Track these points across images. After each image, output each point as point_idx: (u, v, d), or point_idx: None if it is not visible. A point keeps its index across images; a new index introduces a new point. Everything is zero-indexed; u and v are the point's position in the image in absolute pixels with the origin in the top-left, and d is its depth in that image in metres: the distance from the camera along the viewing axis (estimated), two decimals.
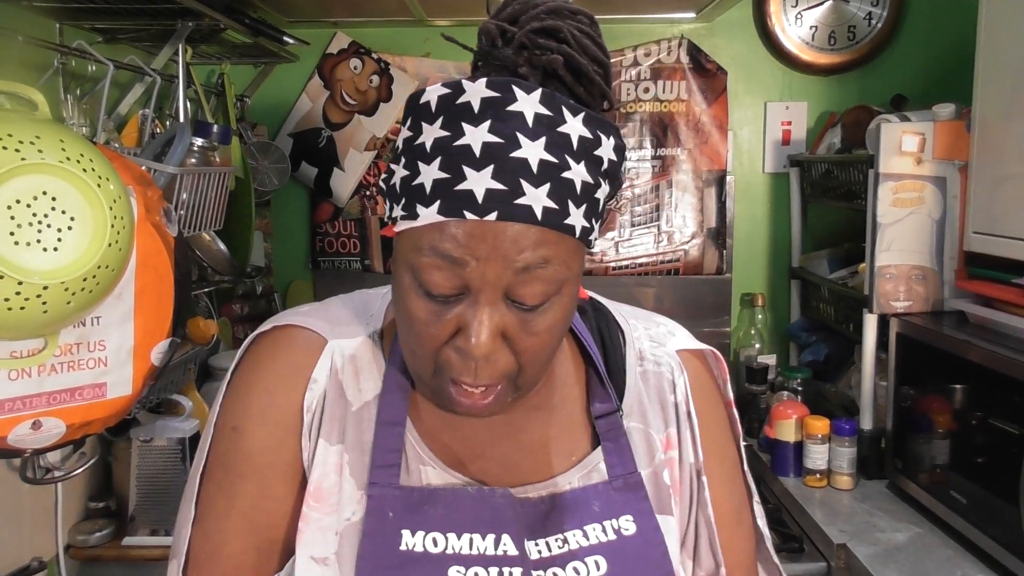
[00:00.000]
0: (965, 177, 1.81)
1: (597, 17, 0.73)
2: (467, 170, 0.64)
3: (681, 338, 0.89)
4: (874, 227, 1.87)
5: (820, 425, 1.93)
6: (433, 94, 0.67)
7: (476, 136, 0.65)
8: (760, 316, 2.49)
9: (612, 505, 0.78)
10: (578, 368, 0.85)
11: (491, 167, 0.64)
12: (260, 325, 0.83)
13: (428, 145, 0.66)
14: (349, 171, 2.51)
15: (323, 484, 0.76)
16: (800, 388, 2.22)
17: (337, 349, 0.79)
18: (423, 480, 0.77)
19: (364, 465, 0.76)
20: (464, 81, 0.67)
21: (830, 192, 2.24)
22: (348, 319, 0.82)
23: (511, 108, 0.65)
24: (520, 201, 0.64)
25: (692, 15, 2.40)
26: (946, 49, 2.38)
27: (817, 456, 1.93)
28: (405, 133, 0.70)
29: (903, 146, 1.84)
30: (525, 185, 0.64)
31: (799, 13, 2.40)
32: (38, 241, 1.00)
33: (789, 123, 2.49)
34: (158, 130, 1.83)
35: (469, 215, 0.64)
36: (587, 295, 0.90)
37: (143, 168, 1.34)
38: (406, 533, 0.73)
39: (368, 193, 2.53)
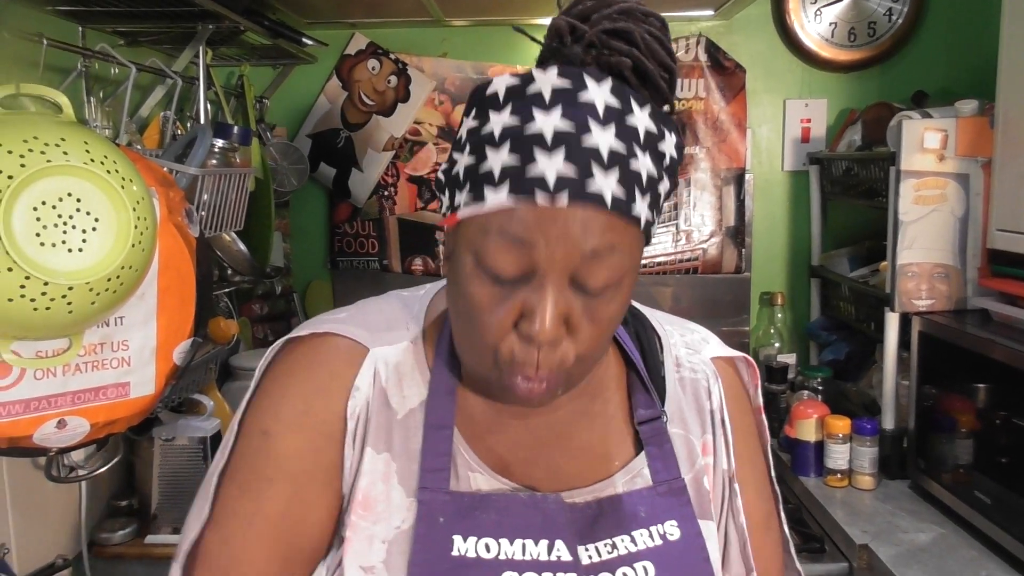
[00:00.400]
0: (988, 174, 1.79)
1: None
2: (538, 153, 0.64)
3: (715, 346, 0.90)
4: (896, 225, 1.86)
5: (841, 425, 1.91)
6: (501, 84, 0.68)
7: (548, 122, 0.65)
8: (780, 315, 2.48)
9: (657, 510, 0.78)
10: (620, 373, 0.85)
11: (562, 150, 0.64)
12: (296, 328, 0.81)
13: (496, 132, 0.66)
14: (367, 171, 2.52)
15: (371, 493, 0.75)
16: (821, 387, 2.20)
17: (380, 357, 0.78)
18: (472, 486, 0.76)
19: (413, 472, 0.75)
20: (534, 71, 0.67)
21: (850, 190, 2.22)
22: (387, 325, 0.81)
23: (582, 97, 0.65)
24: (590, 186, 0.64)
25: (710, 12, 2.38)
26: (968, 44, 2.36)
27: (838, 456, 1.91)
28: (470, 123, 0.69)
29: (925, 143, 1.82)
30: (596, 169, 0.64)
31: (818, 10, 2.38)
32: (63, 242, 1.01)
33: (808, 121, 2.47)
34: (179, 132, 1.84)
35: (540, 197, 0.64)
36: None
37: (165, 169, 1.35)
38: (458, 539, 0.73)
39: (386, 193, 2.54)
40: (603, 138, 0.65)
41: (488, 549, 0.73)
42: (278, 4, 2.12)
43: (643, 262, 2.57)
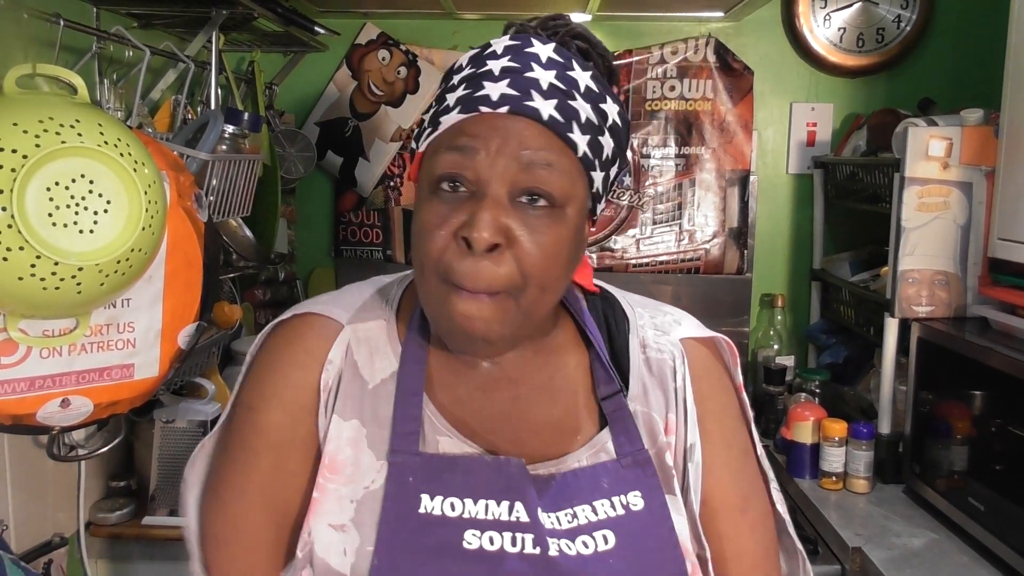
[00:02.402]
0: (992, 183, 1.80)
1: (625, 15, 0.86)
2: (486, 82, 0.75)
3: (687, 327, 0.90)
4: (898, 231, 1.86)
5: (837, 428, 1.92)
6: (465, 56, 0.80)
7: (497, 64, 0.76)
8: (780, 317, 2.49)
9: (621, 481, 0.81)
10: (582, 354, 0.87)
11: (507, 79, 0.75)
12: (282, 313, 0.87)
13: (456, 81, 0.78)
14: (374, 161, 2.53)
15: (338, 457, 0.80)
16: (818, 390, 2.21)
17: (353, 332, 0.84)
18: (440, 450, 0.80)
19: (384, 437, 0.80)
20: (492, 40, 0.79)
21: (854, 195, 2.23)
22: (365, 304, 0.87)
23: (529, 50, 0.77)
24: (529, 103, 0.74)
25: (720, 14, 2.39)
26: (975, 53, 2.36)
27: (834, 459, 1.92)
28: (439, 91, 0.81)
29: (930, 150, 1.83)
30: (535, 94, 0.74)
31: (828, 14, 2.39)
32: (75, 223, 1.02)
33: (814, 124, 2.48)
34: (190, 115, 1.84)
35: (484, 110, 0.74)
36: (598, 289, 0.92)
37: (176, 153, 1.35)
38: (425, 497, 0.77)
39: (392, 184, 2.55)
40: (544, 75, 0.75)
41: (453, 508, 0.77)
42: None
43: (645, 260, 2.60)
